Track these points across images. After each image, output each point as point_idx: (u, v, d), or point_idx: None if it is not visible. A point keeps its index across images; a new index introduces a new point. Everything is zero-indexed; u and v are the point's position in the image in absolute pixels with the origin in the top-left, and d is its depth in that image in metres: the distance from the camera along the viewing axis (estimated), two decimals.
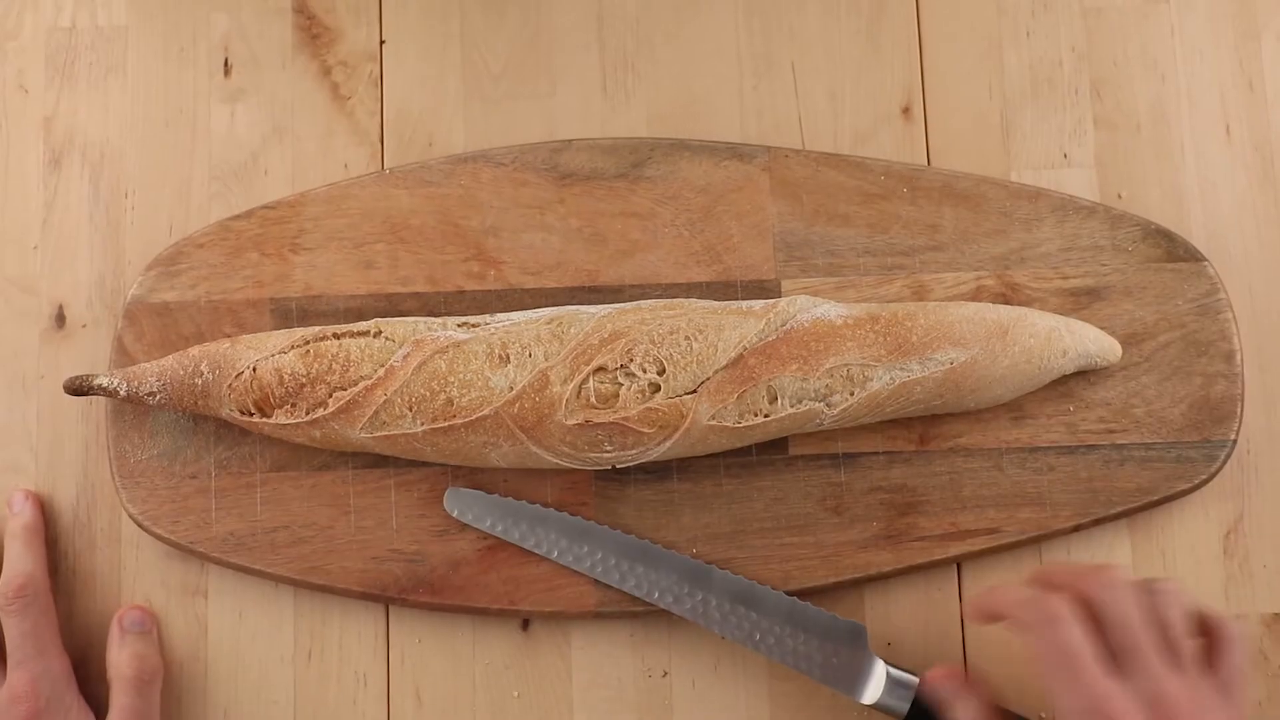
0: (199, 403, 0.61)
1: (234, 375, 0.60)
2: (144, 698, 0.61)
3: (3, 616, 0.61)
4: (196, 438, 0.64)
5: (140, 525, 0.63)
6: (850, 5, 0.69)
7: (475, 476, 0.63)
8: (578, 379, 0.58)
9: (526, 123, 0.68)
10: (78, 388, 0.61)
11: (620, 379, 0.58)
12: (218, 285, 0.65)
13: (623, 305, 0.60)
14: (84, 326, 0.66)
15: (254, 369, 0.60)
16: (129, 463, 0.63)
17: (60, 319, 0.66)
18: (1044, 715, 0.62)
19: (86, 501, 0.65)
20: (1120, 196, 0.67)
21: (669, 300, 0.61)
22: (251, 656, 0.64)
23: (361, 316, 0.64)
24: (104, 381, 0.61)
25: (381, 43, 0.69)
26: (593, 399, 0.58)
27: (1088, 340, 0.62)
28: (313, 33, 0.69)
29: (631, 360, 0.58)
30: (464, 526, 0.62)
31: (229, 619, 0.64)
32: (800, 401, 0.59)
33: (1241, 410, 0.63)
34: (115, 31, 0.69)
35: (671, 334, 0.58)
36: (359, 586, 0.62)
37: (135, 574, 0.64)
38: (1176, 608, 0.54)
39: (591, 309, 0.60)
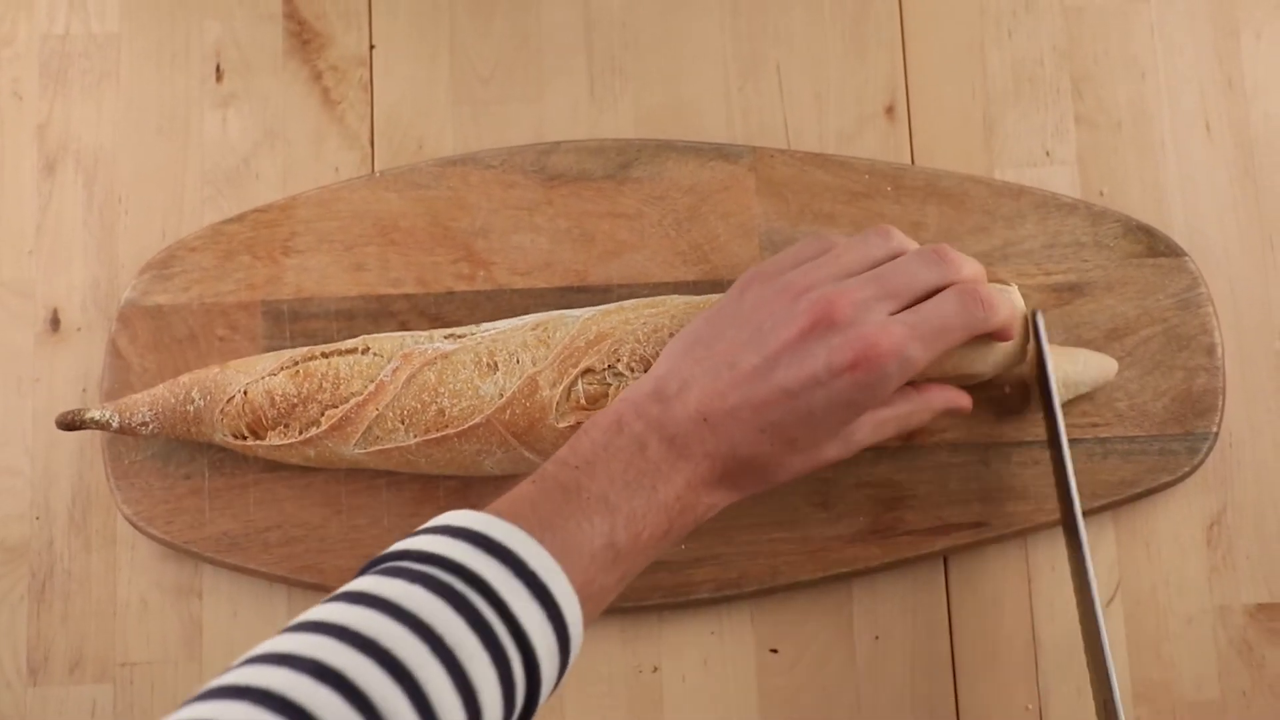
0: (192, 429, 0.62)
1: (225, 400, 0.61)
2: None
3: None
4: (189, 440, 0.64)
5: (135, 525, 0.64)
6: (834, 7, 0.70)
7: (468, 481, 0.64)
8: (566, 382, 0.58)
9: (515, 125, 0.69)
10: (70, 423, 0.61)
11: (609, 379, 0.59)
12: (210, 288, 0.66)
13: (606, 306, 0.61)
14: (78, 330, 0.67)
15: (245, 392, 0.61)
16: (123, 464, 0.64)
17: (55, 322, 0.67)
18: (1029, 706, 0.63)
19: (81, 503, 0.65)
20: (1102, 193, 0.68)
21: (651, 299, 0.61)
22: None
23: (353, 318, 0.65)
24: (96, 415, 0.61)
25: (371, 47, 0.70)
26: (582, 400, 0.59)
27: (1083, 371, 0.62)
28: (303, 38, 0.70)
29: (619, 360, 0.59)
30: None
31: (223, 618, 0.65)
32: None
33: (1223, 403, 0.64)
34: (108, 39, 0.70)
35: (656, 331, 0.59)
36: None
37: (130, 574, 0.65)
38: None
39: (575, 312, 0.61)
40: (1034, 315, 0.60)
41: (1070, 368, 0.62)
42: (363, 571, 0.47)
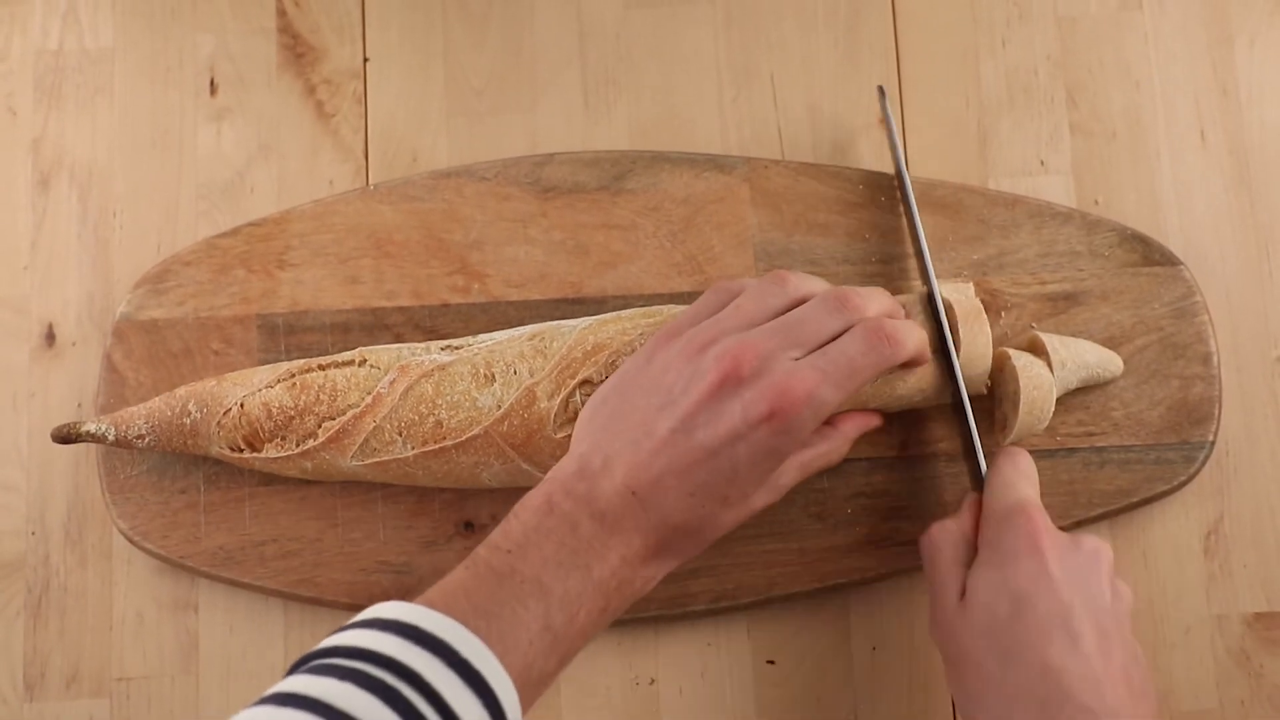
0: (188, 442, 0.61)
1: (222, 412, 0.61)
2: None
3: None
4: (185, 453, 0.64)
5: (130, 540, 0.64)
6: (828, 17, 0.70)
7: (464, 493, 0.64)
8: (564, 393, 0.58)
9: (509, 137, 0.69)
10: (65, 436, 0.61)
11: None
12: (205, 302, 0.66)
13: (603, 316, 0.61)
14: (74, 345, 0.67)
15: (241, 405, 0.60)
16: (119, 478, 0.64)
17: (50, 338, 0.67)
18: None
19: (77, 518, 0.65)
20: (1097, 202, 0.68)
21: (647, 309, 0.61)
22: (242, 670, 0.64)
23: (348, 331, 0.65)
24: (92, 428, 0.61)
25: (365, 61, 0.70)
26: (580, 411, 0.58)
27: (1085, 351, 0.62)
28: (297, 52, 0.70)
29: (615, 370, 0.58)
30: (450, 538, 0.63)
31: (220, 633, 0.65)
32: None
33: (1219, 412, 0.64)
34: (102, 54, 0.70)
35: None
36: (348, 598, 0.63)
37: (126, 589, 0.65)
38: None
39: (572, 322, 0.61)
40: (880, 93, 0.58)
41: (1088, 354, 0.62)
42: (292, 670, 0.46)
